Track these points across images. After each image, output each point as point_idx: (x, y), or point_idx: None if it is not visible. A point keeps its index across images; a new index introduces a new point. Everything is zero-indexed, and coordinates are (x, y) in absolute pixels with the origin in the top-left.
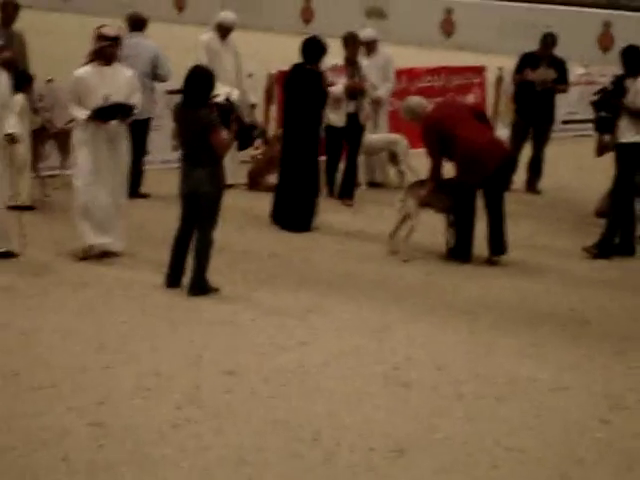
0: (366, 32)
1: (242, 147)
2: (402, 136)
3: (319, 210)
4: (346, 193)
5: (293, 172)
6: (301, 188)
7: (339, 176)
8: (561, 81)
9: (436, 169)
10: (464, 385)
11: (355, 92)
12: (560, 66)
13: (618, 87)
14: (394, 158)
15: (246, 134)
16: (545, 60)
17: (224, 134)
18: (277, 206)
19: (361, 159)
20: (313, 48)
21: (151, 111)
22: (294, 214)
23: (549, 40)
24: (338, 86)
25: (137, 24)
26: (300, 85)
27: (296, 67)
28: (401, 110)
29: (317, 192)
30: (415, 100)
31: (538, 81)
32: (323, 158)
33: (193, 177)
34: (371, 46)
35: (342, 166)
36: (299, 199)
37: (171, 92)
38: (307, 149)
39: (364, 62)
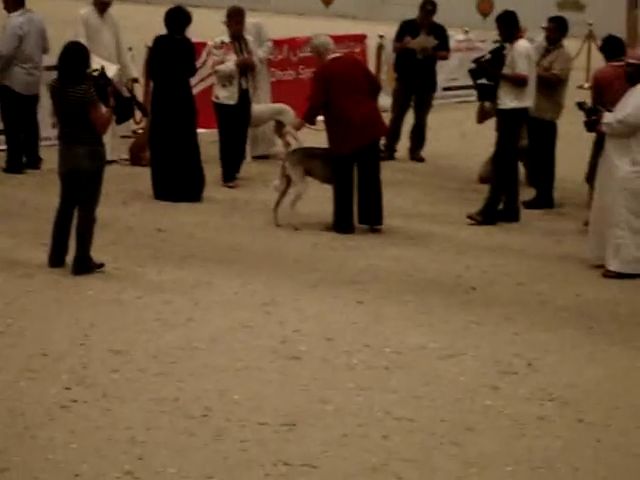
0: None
1: (121, 120)
2: (288, 106)
3: (205, 181)
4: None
5: (166, 145)
6: (177, 160)
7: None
8: (442, 48)
9: (312, 113)
10: (354, 356)
11: (246, 67)
12: (440, 33)
13: (496, 55)
14: (280, 128)
15: (124, 107)
16: (425, 27)
17: (103, 109)
18: (156, 180)
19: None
20: (177, 18)
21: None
22: (176, 185)
23: (428, 7)
24: (228, 64)
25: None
26: (167, 55)
27: (161, 38)
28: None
29: (198, 162)
30: (322, 39)
31: (418, 49)
32: (204, 131)
33: (72, 155)
34: None
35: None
36: (177, 170)
37: (49, 68)
38: (178, 120)
39: (250, 37)
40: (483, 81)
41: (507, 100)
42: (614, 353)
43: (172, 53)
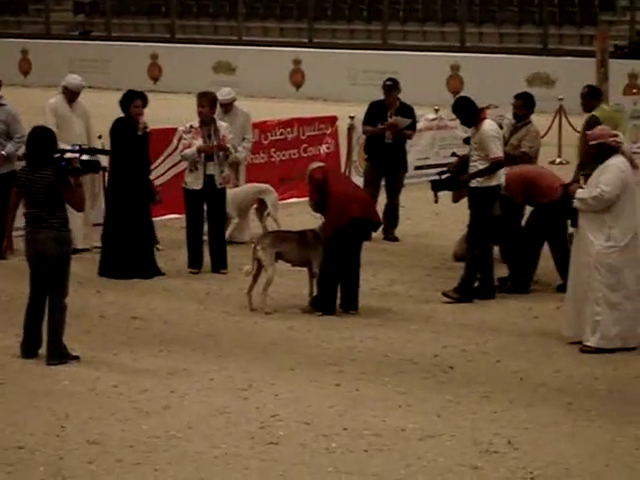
0: (224, 92)
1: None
2: (271, 187)
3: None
4: (220, 265)
5: (119, 226)
6: (128, 241)
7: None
8: (410, 127)
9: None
10: (333, 439)
11: (211, 154)
12: (409, 113)
13: (461, 166)
14: (262, 209)
15: (89, 164)
16: (393, 108)
17: (72, 187)
18: (104, 260)
19: (234, 220)
20: (124, 99)
21: None
22: (127, 263)
23: (387, 83)
24: (192, 148)
25: None
26: (113, 135)
27: (115, 121)
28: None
29: (150, 244)
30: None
31: (392, 131)
32: (175, 217)
33: (38, 240)
34: (229, 106)
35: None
36: (127, 251)
37: (20, 158)
38: (133, 203)
39: (223, 123)
40: (436, 177)
41: (480, 178)
42: (594, 429)
43: (115, 131)
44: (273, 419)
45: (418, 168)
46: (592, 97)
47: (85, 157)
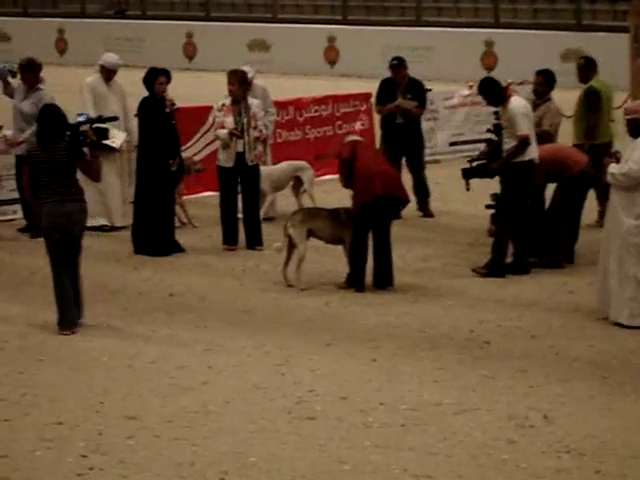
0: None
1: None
2: (307, 164)
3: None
4: (255, 241)
5: (148, 205)
6: (157, 220)
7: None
8: (419, 104)
9: (342, 172)
10: (369, 414)
11: (242, 132)
12: (417, 89)
13: (493, 153)
14: (298, 186)
15: (101, 133)
16: (401, 86)
17: (88, 157)
18: (136, 238)
19: (270, 197)
20: (147, 77)
21: None
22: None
23: (393, 63)
24: (223, 130)
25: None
26: (141, 114)
27: (142, 100)
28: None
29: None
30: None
31: (398, 112)
32: (211, 194)
33: (65, 212)
34: (249, 85)
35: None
36: (158, 229)
37: None
38: (161, 183)
39: (255, 100)
40: (466, 166)
41: None
42: (629, 403)
43: (143, 111)
44: (310, 394)
45: (453, 144)
46: (588, 68)
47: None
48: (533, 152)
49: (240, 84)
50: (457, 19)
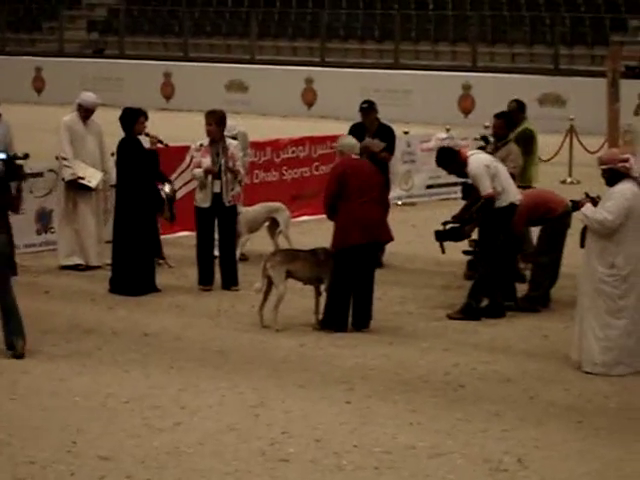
0: (230, 127)
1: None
2: (283, 205)
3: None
4: (231, 282)
5: (128, 243)
6: (137, 258)
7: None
8: (388, 149)
9: (330, 210)
10: (343, 457)
11: (219, 173)
12: (387, 134)
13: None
14: (274, 227)
15: (10, 170)
16: (370, 130)
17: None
18: (115, 277)
19: (244, 238)
20: (126, 117)
21: None
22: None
23: (363, 106)
24: (200, 170)
25: None
26: (120, 154)
27: (122, 139)
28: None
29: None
30: (348, 141)
31: (366, 154)
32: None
33: None
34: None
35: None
36: (137, 267)
37: (33, 175)
38: (140, 220)
39: (233, 141)
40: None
41: None
42: (604, 448)
43: (134, 156)
44: (284, 436)
45: (429, 187)
46: (520, 111)
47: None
48: (511, 196)
49: (218, 124)
50: (435, 62)
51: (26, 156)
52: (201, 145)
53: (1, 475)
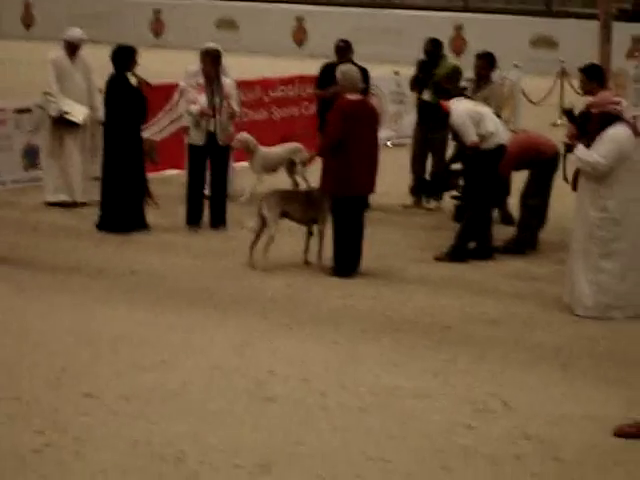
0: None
1: None
2: (301, 145)
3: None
4: (219, 221)
5: (116, 182)
6: (126, 196)
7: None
8: (364, 91)
9: (328, 147)
10: (329, 397)
11: (213, 112)
12: (363, 75)
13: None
14: (293, 167)
15: None
16: None
17: None
18: (103, 214)
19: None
20: (120, 55)
21: None
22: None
23: (340, 45)
24: (195, 106)
25: None
26: (110, 92)
27: (111, 77)
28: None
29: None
30: (349, 74)
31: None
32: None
33: None
34: None
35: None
36: (126, 205)
37: (20, 111)
38: (128, 159)
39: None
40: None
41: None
42: (589, 390)
43: (124, 94)
44: (270, 375)
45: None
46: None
47: None
48: (499, 138)
49: (213, 63)
50: (427, 2)
51: None
52: (197, 83)
53: None
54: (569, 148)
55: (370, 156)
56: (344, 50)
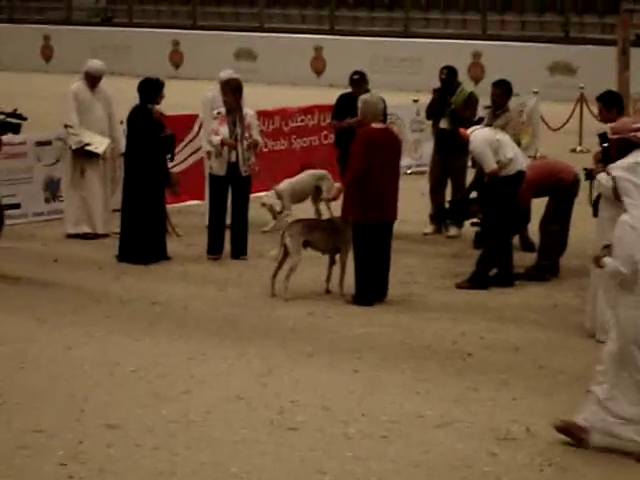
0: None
1: None
2: (328, 173)
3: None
4: (240, 251)
5: (136, 212)
6: (146, 227)
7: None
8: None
9: (355, 180)
10: (351, 425)
11: (235, 144)
12: None
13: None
14: (318, 195)
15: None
16: None
17: None
18: (123, 245)
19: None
20: (147, 87)
21: None
22: (139, 246)
23: (354, 77)
24: (215, 137)
25: None
26: (131, 123)
27: (134, 108)
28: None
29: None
30: (372, 106)
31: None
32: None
33: None
34: None
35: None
36: (145, 236)
37: (40, 143)
38: (149, 189)
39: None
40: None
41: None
42: None
43: (138, 121)
44: (292, 405)
45: None
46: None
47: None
48: (519, 164)
49: (234, 93)
50: (445, 30)
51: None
52: (218, 113)
53: (8, 443)
54: (589, 174)
55: (392, 183)
56: (358, 82)
